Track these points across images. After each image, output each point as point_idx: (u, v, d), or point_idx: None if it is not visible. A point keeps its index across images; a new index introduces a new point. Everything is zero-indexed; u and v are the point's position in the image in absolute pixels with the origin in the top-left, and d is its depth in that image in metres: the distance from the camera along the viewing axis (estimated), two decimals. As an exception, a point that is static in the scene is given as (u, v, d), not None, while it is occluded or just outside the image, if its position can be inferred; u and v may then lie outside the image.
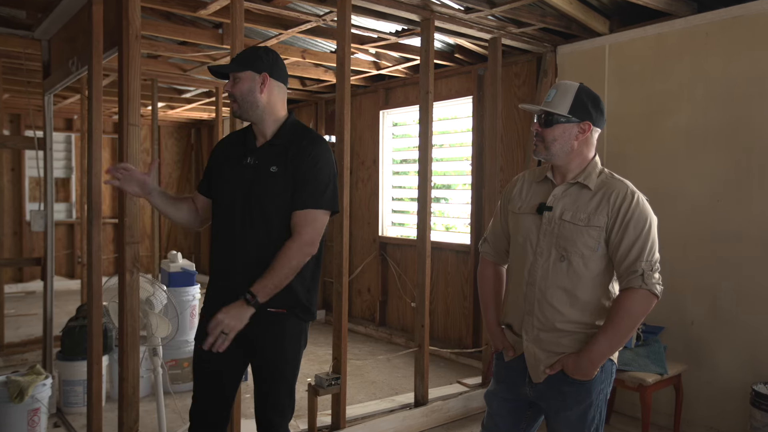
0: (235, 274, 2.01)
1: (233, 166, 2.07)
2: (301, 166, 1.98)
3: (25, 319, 6.19)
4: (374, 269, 5.97)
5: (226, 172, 2.08)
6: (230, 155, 2.10)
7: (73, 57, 3.27)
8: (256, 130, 2.08)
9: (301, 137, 2.04)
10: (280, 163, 1.99)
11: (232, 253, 2.03)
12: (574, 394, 1.80)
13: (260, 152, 2.04)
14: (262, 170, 2.00)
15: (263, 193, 1.99)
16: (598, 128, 1.86)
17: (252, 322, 1.96)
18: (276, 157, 2.01)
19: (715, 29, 3.42)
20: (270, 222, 1.99)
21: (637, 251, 1.74)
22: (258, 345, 2.05)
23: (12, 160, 7.98)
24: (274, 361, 2.06)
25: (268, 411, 2.11)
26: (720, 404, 3.37)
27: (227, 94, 2.05)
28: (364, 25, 4.20)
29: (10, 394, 3.03)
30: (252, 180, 2.01)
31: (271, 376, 2.08)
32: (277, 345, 2.04)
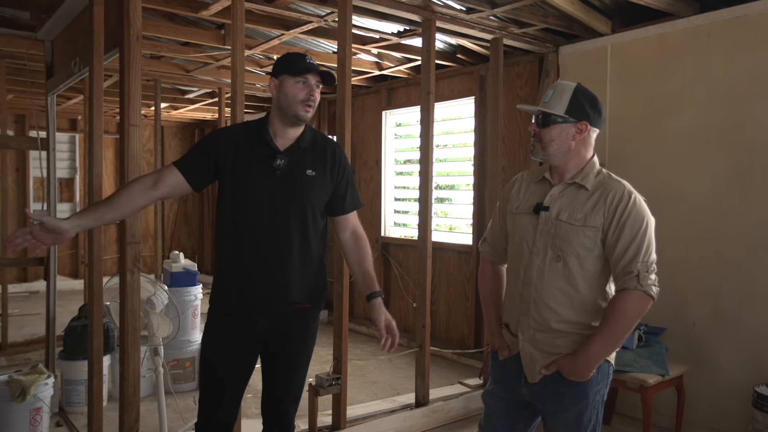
0: (283, 277, 2.04)
1: (259, 166, 2.02)
2: (346, 172, 2.15)
3: (29, 318, 6.22)
4: (376, 269, 5.91)
5: (251, 172, 2.02)
6: (250, 154, 2.03)
7: (76, 57, 3.29)
8: (285, 133, 2.06)
9: (327, 140, 2.17)
10: (317, 167, 2.07)
11: (278, 258, 2.03)
12: (571, 395, 1.80)
13: (290, 155, 2.04)
14: (299, 173, 2.04)
15: (303, 195, 2.04)
16: (596, 128, 1.86)
17: (279, 318, 2.07)
18: (309, 161, 2.07)
19: (717, 29, 3.41)
20: (307, 224, 2.06)
21: (633, 252, 1.73)
22: (290, 342, 2.12)
23: (16, 160, 8.02)
24: (299, 354, 2.16)
25: (286, 402, 2.18)
26: (722, 405, 3.36)
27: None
28: (366, 25, 4.20)
29: (12, 393, 3.04)
30: (288, 182, 2.03)
31: (295, 368, 2.16)
32: (303, 338, 2.15)
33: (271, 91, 2.07)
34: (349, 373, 4.52)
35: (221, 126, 5.93)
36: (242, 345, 2.10)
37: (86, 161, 3.13)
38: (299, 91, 2.00)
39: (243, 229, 2.03)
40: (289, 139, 2.07)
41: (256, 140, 2.05)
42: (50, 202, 3.96)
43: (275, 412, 2.20)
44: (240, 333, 2.08)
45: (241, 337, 2.09)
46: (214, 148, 2.05)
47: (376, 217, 6.00)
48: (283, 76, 2.02)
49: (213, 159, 2.03)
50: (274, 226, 2.02)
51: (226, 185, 2.04)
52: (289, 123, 2.05)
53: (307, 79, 2.01)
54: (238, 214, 2.03)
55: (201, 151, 2.07)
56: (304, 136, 2.09)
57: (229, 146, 2.04)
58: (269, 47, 4.48)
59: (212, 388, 2.13)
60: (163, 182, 1.98)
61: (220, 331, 2.10)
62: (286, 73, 2.02)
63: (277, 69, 2.06)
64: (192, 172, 2.02)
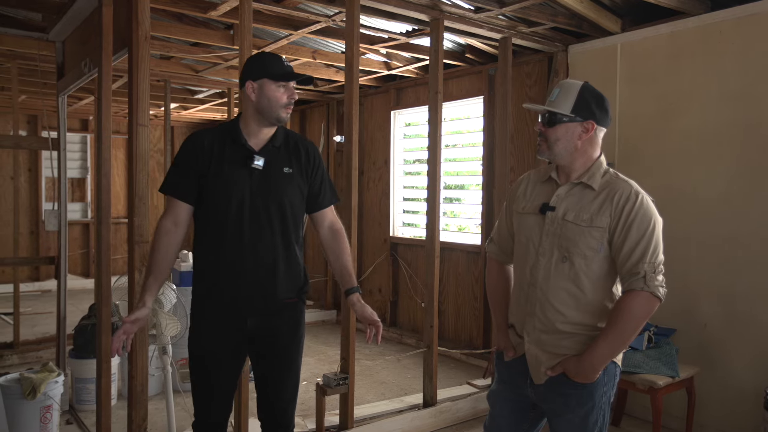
0: (271, 275, 2.06)
1: (237, 167, 2.05)
2: (320, 169, 2.19)
3: (41, 317, 6.28)
4: (385, 270, 5.97)
5: (228, 173, 2.04)
6: (226, 156, 2.05)
7: (86, 58, 3.31)
8: (260, 133, 2.09)
9: (299, 138, 2.20)
10: (293, 165, 2.11)
11: (264, 256, 2.05)
12: (576, 397, 1.78)
13: (265, 154, 2.07)
14: (276, 171, 2.07)
15: (282, 193, 2.07)
16: (603, 127, 1.84)
17: (269, 315, 2.09)
18: (285, 159, 2.11)
19: (728, 27, 3.37)
20: (287, 221, 2.09)
21: (640, 253, 1.71)
22: (281, 338, 2.13)
23: (29, 160, 8.11)
24: (293, 349, 2.18)
25: (284, 400, 2.20)
26: (733, 408, 3.32)
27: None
28: (375, 25, 4.20)
29: (23, 391, 3.07)
30: (267, 181, 2.06)
31: (290, 363, 2.17)
32: (294, 332, 2.17)
33: (248, 93, 2.06)
34: (357, 373, 4.53)
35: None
36: (231, 346, 2.11)
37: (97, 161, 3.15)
38: (281, 95, 2.04)
39: (226, 230, 2.05)
40: (263, 139, 2.10)
41: (230, 142, 2.07)
42: (61, 201, 3.99)
43: (274, 411, 2.20)
44: (229, 334, 2.09)
45: (230, 338, 2.10)
46: (194, 158, 2.05)
47: (385, 217, 6.00)
48: (264, 80, 2.03)
49: (196, 169, 2.05)
50: (257, 224, 2.04)
51: (206, 189, 2.05)
52: (267, 124, 2.08)
53: (288, 82, 2.05)
54: (219, 216, 2.05)
55: (185, 167, 2.07)
56: (277, 135, 2.12)
57: (205, 152, 2.06)
58: (278, 47, 4.49)
59: (204, 391, 2.14)
60: (180, 219, 2.07)
61: (209, 333, 2.10)
62: (266, 77, 2.03)
63: (256, 71, 2.05)
64: (190, 195, 2.06)
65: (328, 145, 6.70)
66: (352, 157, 3.22)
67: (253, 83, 2.04)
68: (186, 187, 2.06)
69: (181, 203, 2.06)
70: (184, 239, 2.10)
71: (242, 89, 2.08)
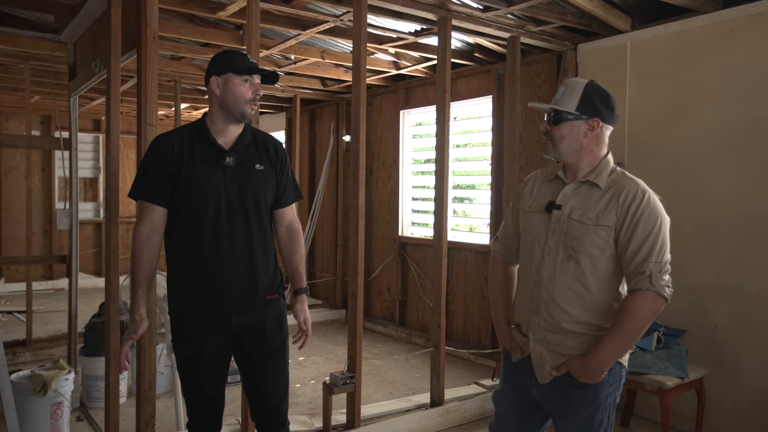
0: (251, 272, 2.07)
1: (208, 166, 2.05)
2: (286, 166, 2.21)
3: (54, 315, 6.35)
4: (394, 269, 5.97)
5: (201, 172, 2.04)
6: (197, 156, 2.05)
7: (96, 59, 3.35)
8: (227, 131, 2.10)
9: (266, 136, 2.23)
10: (264, 161, 2.13)
11: (243, 253, 2.06)
12: (581, 397, 1.77)
13: (236, 152, 2.09)
14: (248, 169, 2.09)
15: (256, 190, 2.09)
16: (609, 125, 1.83)
17: (253, 312, 2.10)
18: (255, 156, 2.13)
19: (740, 25, 3.34)
20: (262, 217, 2.12)
21: (646, 252, 1.70)
22: (264, 335, 2.14)
23: (42, 160, 8.21)
24: (281, 347, 2.19)
25: (276, 397, 2.20)
26: (744, 410, 3.29)
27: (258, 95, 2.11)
28: (384, 25, 4.20)
29: (34, 388, 3.11)
30: (240, 179, 2.07)
31: (279, 362, 2.19)
32: (278, 329, 2.19)
33: (213, 88, 2.06)
34: (366, 373, 4.54)
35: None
36: (217, 345, 2.12)
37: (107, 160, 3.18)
38: (246, 90, 2.05)
39: (204, 230, 2.04)
40: (232, 137, 2.11)
41: (199, 142, 2.07)
42: (72, 201, 4.04)
43: (267, 410, 2.21)
44: (214, 333, 2.10)
45: (216, 337, 2.10)
46: (164, 160, 2.04)
47: (394, 216, 6.00)
48: (228, 74, 2.05)
49: (167, 172, 2.04)
50: (234, 222, 2.05)
51: (179, 190, 2.04)
52: (233, 121, 2.08)
53: (252, 77, 2.06)
54: (196, 217, 2.04)
55: (155, 171, 2.04)
56: (245, 133, 2.14)
57: (174, 153, 2.04)
58: (286, 47, 4.51)
59: (195, 391, 2.15)
60: (156, 224, 2.05)
61: (195, 334, 2.10)
62: (231, 71, 2.04)
63: (221, 67, 2.06)
64: (163, 198, 2.05)
65: (338, 145, 6.71)
66: (359, 156, 3.22)
67: (218, 78, 2.06)
68: (159, 191, 2.03)
69: (156, 207, 2.04)
70: (160, 245, 2.09)
71: (208, 86, 2.08)
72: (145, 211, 2.04)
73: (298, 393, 4.15)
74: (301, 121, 6.97)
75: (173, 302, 2.13)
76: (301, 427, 3.24)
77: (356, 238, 3.26)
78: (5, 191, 7.96)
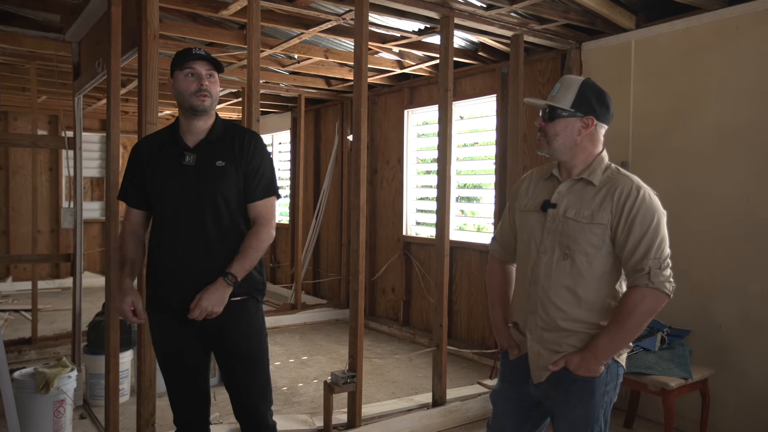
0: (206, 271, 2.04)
1: (170, 165, 2.07)
2: (253, 160, 2.11)
3: (59, 313, 6.39)
4: (398, 269, 5.96)
5: (162, 172, 2.07)
6: (162, 157, 2.09)
7: (99, 58, 3.36)
8: (191, 128, 2.11)
9: (238, 132, 2.16)
10: (227, 157, 2.09)
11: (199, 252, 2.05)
12: (577, 393, 1.76)
13: (199, 150, 2.09)
14: (208, 166, 2.07)
15: (214, 187, 2.06)
16: (604, 124, 1.82)
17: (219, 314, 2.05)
18: (218, 152, 2.09)
19: (746, 22, 3.30)
20: (221, 215, 2.07)
21: (644, 249, 1.69)
22: (230, 336, 2.11)
23: (50, 159, 8.26)
24: (250, 350, 2.15)
25: (252, 399, 2.18)
26: (749, 412, 3.25)
27: (203, 87, 2.07)
28: (387, 23, 4.20)
29: (36, 385, 3.13)
30: (198, 176, 2.06)
31: (250, 364, 2.15)
32: (249, 332, 2.14)
33: (171, 91, 2.11)
34: (368, 372, 4.53)
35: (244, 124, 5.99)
36: (184, 344, 2.13)
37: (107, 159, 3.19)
38: (190, 83, 2.05)
39: (164, 228, 2.09)
40: (199, 133, 2.11)
41: (168, 141, 2.11)
42: (77, 199, 4.05)
43: (245, 412, 2.20)
44: (179, 333, 2.11)
45: (181, 337, 2.11)
46: (139, 164, 2.13)
47: (398, 216, 5.99)
48: (175, 73, 2.08)
49: (140, 176, 2.11)
50: (190, 221, 2.06)
51: (149, 192, 2.11)
52: (191, 116, 2.08)
53: (194, 69, 2.05)
54: (159, 217, 2.10)
55: (131, 175, 2.15)
56: (214, 130, 2.13)
57: (145, 154, 2.12)
58: (290, 46, 4.51)
59: (170, 387, 2.20)
60: (135, 224, 2.17)
61: (162, 329, 2.14)
62: (175, 69, 2.08)
63: (171, 68, 2.10)
64: (140, 201, 2.14)
65: (342, 145, 6.71)
66: (360, 155, 3.22)
67: (171, 79, 2.10)
68: (135, 194, 2.14)
69: (133, 210, 2.16)
70: (144, 240, 2.22)
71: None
72: (126, 213, 2.19)
73: (300, 392, 4.15)
74: (306, 120, 6.99)
75: (146, 299, 2.18)
76: (302, 426, 3.24)
77: (358, 238, 3.25)
78: (13, 190, 8.03)
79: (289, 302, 6.44)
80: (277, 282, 7.72)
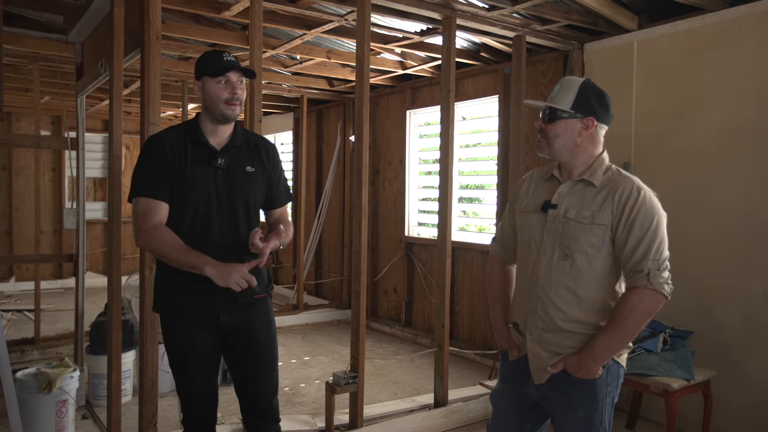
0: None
1: (201, 168, 2.06)
2: (277, 168, 2.23)
3: (62, 314, 6.41)
4: (400, 269, 5.96)
5: (193, 173, 2.05)
6: (189, 157, 2.06)
7: (102, 59, 3.37)
8: (217, 132, 2.10)
9: (257, 137, 2.25)
10: (255, 163, 2.14)
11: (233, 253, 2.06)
12: (579, 396, 1.76)
13: (228, 153, 2.10)
14: (239, 171, 2.10)
15: (248, 192, 2.10)
16: (604, 125, 1.82)
17: (241, 310, 2.11)
18: (246, 157, 2.13)
19: (748, 23, 3.30)
20: (251, 219, 2.13)
21: (644, 250, 1.69)
22: (254, 331, 2.16)
23: (53, 160, 8.29)
24: (269, 344, 2.21)
25: (268, 394, 2.22)
26: (752, 413, 3.24)
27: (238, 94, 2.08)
28: (389, 24, 4.20)
29: (39, 385, 3.14)
30: (230, 181, 2.08)
31: (269, 358, 2.21)
32: (270, 327, 2.22)
33: (196, 93, 2.10)
34: (370, 373, 4.53)
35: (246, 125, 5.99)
36: (207, 342, 2.13)
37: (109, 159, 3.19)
38: (221, 91, 2.04)
39: (194, 230, 2.05)
40: (223, 138, 2.12)
41: (192, 142, 2.09)
42: (79, 200, 4.06)
43: (260, 406, 2.22)
44: (203, 331, 2.11)
45: (206, 335, 2.12)
46: (164, 160, 2.04)
47: (400, 216, 5.99)
48: (204, 77, 2.06)
49: (167, 170, 2.05)
50: (225, 223, 2.07)
51: (174, 190, 2.05)
52: (218, 122, 2.09)
53: (228, 77, 2.04)
54: (187, 216, 2.05)
55: (157, 169, 2.05)
56: (236, 135, 2.15)
57: (170, 152, 2.06)
58: (292, 47, 4.52)
59: (184, 388, 2.18)
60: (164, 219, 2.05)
61: (184, 331, 2.11)
62: (206, 74, 2.05)
63: (198, 71, 2.08)
64: (167, 196, 2.05)
65: (344, 145, 6.72)
66: (362, 156, 3.22)
67: (198, 83, 2.09)
68: (164, 189, 2.04)
69: (161, 204, 2.04)
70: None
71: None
72: (151, 208, 2.02)
73: (302, 393, 4.16)
74: (308, 121, 6.99)
75: (162, 299, 2.14)
76: (303, 427, 3.24)
77: (359, 238, 3.25)
78: (16, 191, 8.05)
79: (291, 303, 6.44)
80: (279, 282, 7.72)
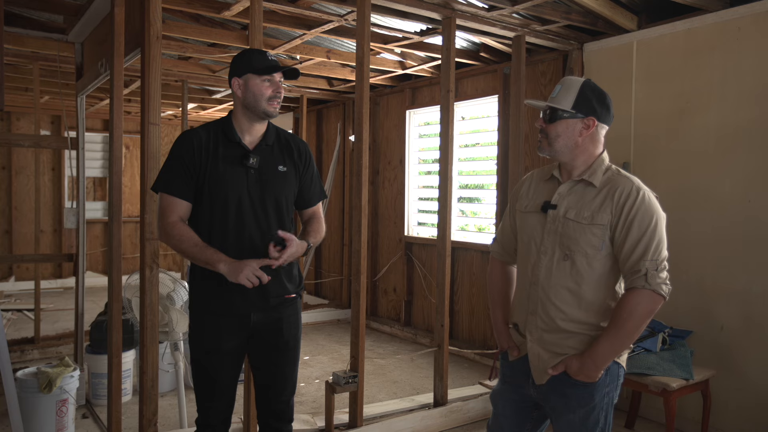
0: (274, 271, 2.06)
1: (232, 166, 2.06)
2: (309, 167, 2.24)
3: (62, 313, 6.41)
4: (400, 269, 5.96)
5: (225, 172, 2.05)
6: (220, 155, 2.06)
7: (102, 59, 3.37)
8: (252, 130, 2.12)
9: (290, 135, 2.25)
10: (287, 163, 2.16)
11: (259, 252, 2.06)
12: (578, 397, 1.76)
13: (261, 152, 2.12)
14: (271, 170, 2.12)
15: (280, 191, 2.12)
16: (605, 125, 1.82)
17: (272, 310, 2.13)
18: (278, 157, 2.15)
19: (747, 23, 3.30)
20: (284, 218, 2.15)
21: (642, 250, 1.69)
22: (279, 330, 2.17)
23: (53, 160, 8.28)
24: (296, 345, 2.24)
25: (287, 394, 2.25)
26: (750, 413, 3.25)
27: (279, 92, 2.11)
28: (389, 24, 4.20)
29: (39, 385, 3.14)
30: (262, 180, 2.09)
31: (293, 358, 2.24)
32: (294, 328, 2.23)
33: (234, 90, 2.10)
34: (370, 372, 4.54)
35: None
36: (235, 342, 2.14)
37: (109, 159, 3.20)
38: (266, 89, 2.06)
39: (227, 229, 2.06)
40: (256, 136, 2.13)
41: (224, 140, 2.09)
42: (79, 200, 4.07)
43: (278, 406, 2.23)
44: (233, 330, 2.12)
45: (235, 335, 2.12)
46: (191, 158, 2.05)
47: (400, 216, 6.00)
48: (248, 75, 2.06)
49: (193, 169, 2.05)
50: (257, 222, 2.08)
51: (203, 188, 2.06)
52: (256, 120, 2.10)
53: (272, 76, 2.06)
54: (219, 215, 2.06)
55: (183, 166, 2.05)
56: (269, 133, 2.16)
57: (200, 151, 2.06)
58: (292, 47, 4.52)
59: (207, 388, 2.17)
60: (184, 217, 2.06)
61: (212, 331, 2.12)
62: (250, 71, 2.06)
63: (241, 68, 2.08)
64: (188, 193, 2.06)
65: (344, 145, 6.72)
66: (362, 155, 3.22)
67: (239, 79, 2.08)
68: (185, 185, 2.05)
69: (181, 202, 2.05)
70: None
71: (231, 87, 2.11)
72: (170, 205, 2.05)
73: (302, 392, 4.16)
74: (308, 121, 6.99)
75: (196, 298, 2.15)
76: (303, 426, 3.25)
77: (359, 238, 3.26)
78: (16, 190, 8.05)
79: (291, 302, 6.44)
80: (279, 282, 7.72)
